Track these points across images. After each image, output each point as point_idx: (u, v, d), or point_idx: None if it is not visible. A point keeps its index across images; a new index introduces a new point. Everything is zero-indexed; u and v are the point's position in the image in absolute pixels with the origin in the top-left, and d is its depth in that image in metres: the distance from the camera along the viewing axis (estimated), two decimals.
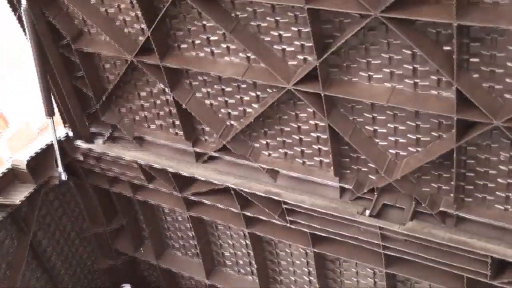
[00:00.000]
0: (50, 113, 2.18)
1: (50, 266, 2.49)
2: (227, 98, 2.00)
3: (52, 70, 2.16)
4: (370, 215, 1.87)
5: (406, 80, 1.63)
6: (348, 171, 1.94)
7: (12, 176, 2.23)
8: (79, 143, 2.31)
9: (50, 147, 2.26)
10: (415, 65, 1.60)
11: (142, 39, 1.95)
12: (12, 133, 3.26)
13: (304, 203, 1.95)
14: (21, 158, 2.22)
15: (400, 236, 1.85)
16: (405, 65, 1.61)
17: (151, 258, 2.62)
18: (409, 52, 1.58)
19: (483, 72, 1.52)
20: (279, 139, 1.99)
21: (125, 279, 2.68)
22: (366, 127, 1.81)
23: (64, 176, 2.31)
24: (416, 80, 1.62)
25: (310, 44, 1.66)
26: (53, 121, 2.20)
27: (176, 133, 2.18)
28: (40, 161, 2.26)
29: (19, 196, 2.21)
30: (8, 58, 3.80)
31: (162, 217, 2.53)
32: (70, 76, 2.21)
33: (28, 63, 2.11)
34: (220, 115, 2.05)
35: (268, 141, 2.02)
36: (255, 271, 2.39)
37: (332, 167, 1.93)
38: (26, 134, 3.34)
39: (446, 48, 1.51)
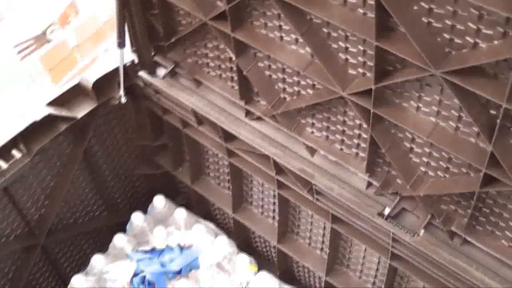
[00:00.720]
0: (121, 45, 2.33)
1: (98, 167, 2.74)
2: (285, 76, 2.12)
3: (129, 4, 2.28)
4: (388, 216, 2.05)
5: (450, 122, 1.74)
6: (379, 169, 2.09)
7: (78, 92, 2.42)
8: (142, 74, 2.48)
9: (115, 71, 2.43)
10: (461, 114, 1.70)
11: (219, 4, 2.05)
12: (80, 22, 3.40)
13: (332, 190, 2.12)
14: (89, 78, 2.40)
15: (409, 245, 2.04)
16: (452, 111, 1.71)
17: (187, 179, 2.86)
18: (459, 103, 1.68)
19: None
20: (324, 124, 2.13)
21: (161, 189, 2.93)
22: (405, 142, 1.94)
23: (124, 99, 2.49)
24: (459, 125, 1.73)
25: (372, 64, 1.77)
26: (123, 51, 2.36)
27: (233, 87, 2.33)
28: (105, 82, 2.44)
29: (81, 111, 2.42)
30: None
31: (203, 149, 2.74)
32: (145, 12, 2.33)
33: None
34: (276, 87, 2.18)
35: (314, 121, 2.16)
36: (276, 217, 2.62)
37: (365, 162, 2.09)
38: (93, 25, 3.48)
39: (492, 112, 1.62)
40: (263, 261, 2.79)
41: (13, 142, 2.28)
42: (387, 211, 2.06)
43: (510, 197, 1.78)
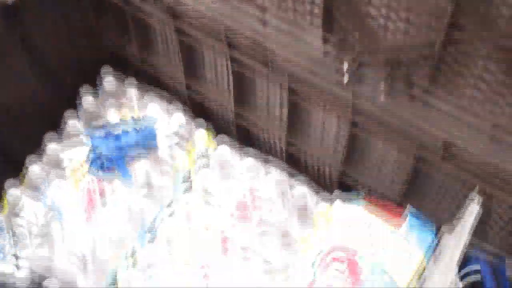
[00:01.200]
0: None
1: (39, 52, 2.56)
2: None
3: None
4: (346, 83, 1.99)
5: None
6: (336, 35, 1.97)
7: None
8: None
9: None
10: None
11: None
12: None
13: (288, 60, 2.03)
14: None
15: (369, 110, 2.01)
16: None
17: (136, 58, 2.72)
18: None
19: None
20: None
21: (108, 61, 2.78)
22: (361, 5, 1.84)
23: None
24: None
25: None
26: None
27: None
28: None
29: None
30: None
31: (150, 26, 2.56)
32: None
33: None
34: None
35: None
36: (232, 89, 2.53)
37: (320, 29, 1.99)
38: None
39: None
40: (222, 129, 2.75)
41: None
42: (345, 77, 2.00)
43: (472, 54, 1.74)
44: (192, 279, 2.28)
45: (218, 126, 2.76)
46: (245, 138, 2.79)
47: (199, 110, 2.80)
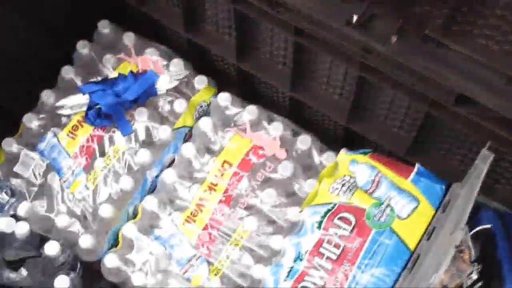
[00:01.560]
0: None
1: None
2: None
3: None
4: (356, 24, 1.88)
5: None
6: None
7: None
8: None
9: None
10: None
11: None
12: None
13: (294, 0, 1.93)
14: None
15: (380, 54, 1.90)
16: None
17: (132, 0, 2.61)
18: None
19: None
20: None
21: (106, 15, 2.64)
22: None
23: None
24: None
25: None
26: None
27: None
28: None
29: None
30: None
31: None
32: None
33: None
34: None
35: None
36: (233, 33, 2.42)
37: None
38: None
39: None
40: (223, 81, 2.65)
41: None
42: (355, 18, 1.89)
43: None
44: (197, 239, 2.20)
45: (220, 82, 2.63)
46: (248, 91, 2.68)
47: (200, 65, 2.66)
